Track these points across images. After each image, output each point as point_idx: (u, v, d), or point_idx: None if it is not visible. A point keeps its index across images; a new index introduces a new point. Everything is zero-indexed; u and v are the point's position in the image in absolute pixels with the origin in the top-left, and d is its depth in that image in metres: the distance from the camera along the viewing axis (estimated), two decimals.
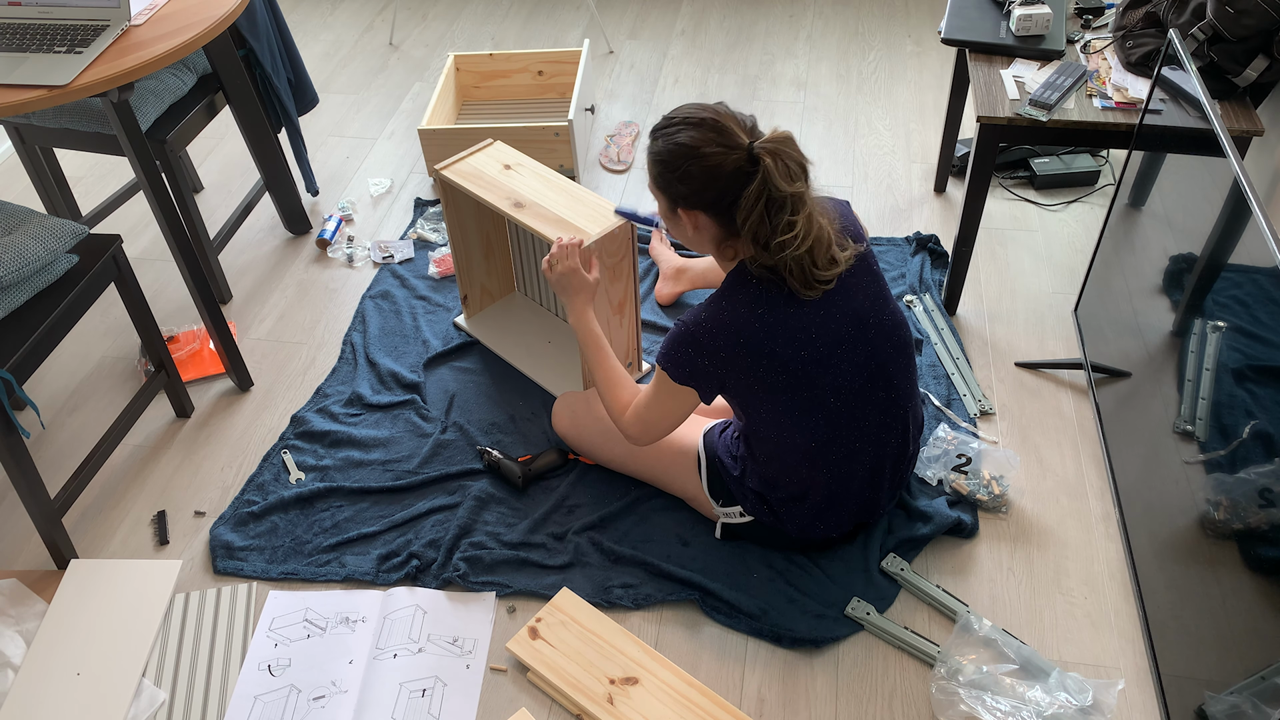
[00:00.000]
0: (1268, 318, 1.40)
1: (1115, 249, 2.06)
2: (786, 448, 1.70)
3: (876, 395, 1.69)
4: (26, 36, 1.90)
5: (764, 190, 1.50)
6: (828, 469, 1.72)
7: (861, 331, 1.65)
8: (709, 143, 1.52)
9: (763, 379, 1.62)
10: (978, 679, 1.69)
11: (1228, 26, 1.86)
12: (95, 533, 2.08)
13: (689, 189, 1.55)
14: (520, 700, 1.75)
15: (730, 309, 1.59)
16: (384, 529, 2.01)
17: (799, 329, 1.59)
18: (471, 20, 3.80)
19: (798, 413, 1.65)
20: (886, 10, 3.68)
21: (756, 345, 1.59)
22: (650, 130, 1.62)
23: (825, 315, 1.61)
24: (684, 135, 1.53)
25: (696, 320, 1.61)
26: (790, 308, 1.59)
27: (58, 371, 2.46)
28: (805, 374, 1.62)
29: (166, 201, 2.11)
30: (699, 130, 1.53)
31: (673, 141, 1.55)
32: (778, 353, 1.59)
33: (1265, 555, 1.36)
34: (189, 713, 1.76)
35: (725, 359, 1.60)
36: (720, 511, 1.89)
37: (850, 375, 1.65)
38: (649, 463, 1.97)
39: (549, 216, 2.06)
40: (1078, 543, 1.94)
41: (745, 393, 1.65)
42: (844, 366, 1.64)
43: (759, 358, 1.59)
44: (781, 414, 1.66)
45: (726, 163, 1.51)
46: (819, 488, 1.74)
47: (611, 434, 2.00)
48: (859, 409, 1.69)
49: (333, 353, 2.46)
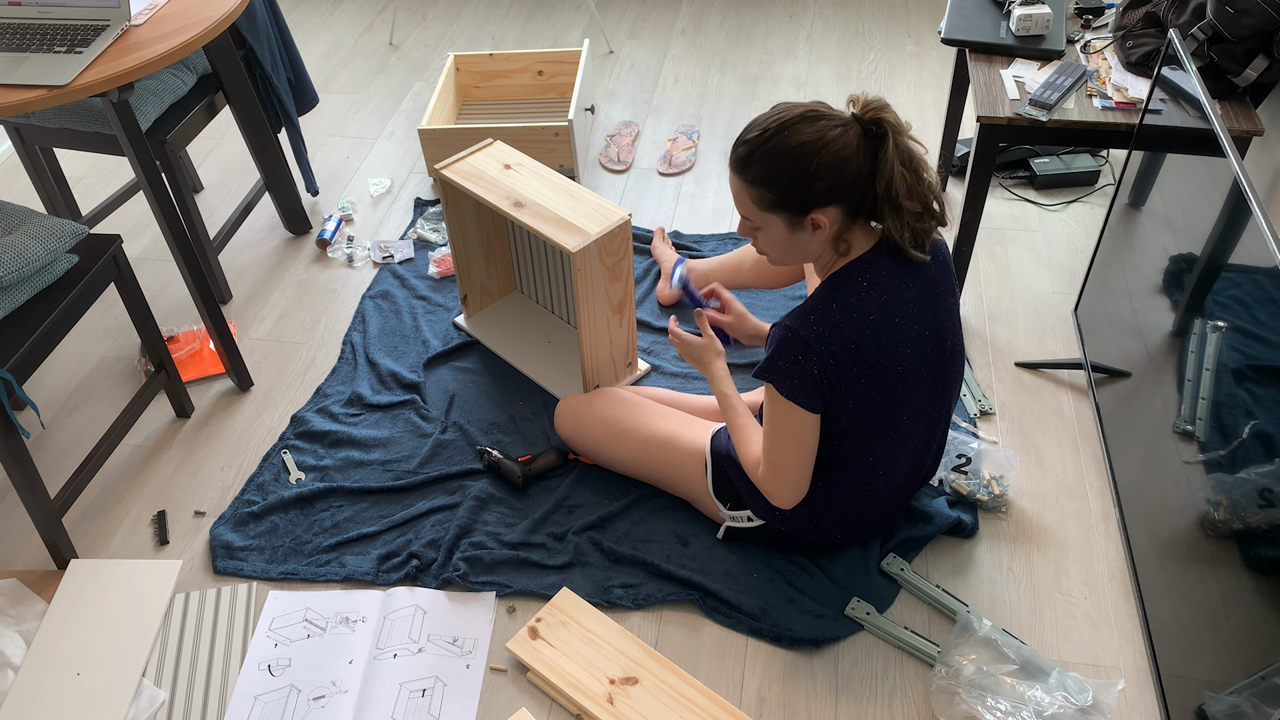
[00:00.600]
0: (1268, 318, 1.40)
1: (1115, 249, 2.06)
2: (837, 458, 1.67)
3: (931, 415, 1.69)
4: (26, 36, 1.90)
5: (898, 148, 1.46)
6: (870, 481, 1.71)
7: (941, 353, 1.62)
8: (821, 131, 1.45)
9: (859, 391, 1.56)
10: (978, 679, 1.69)
11: (1228, 26, 1.86)
12: (95, 533, 2.08)
13: (827, 183, 1.46)
14: (520, 700, 1.75)
15: (840, 308, 1.52)
16: (384, 529, 2.01)
17: (898, 340, 1.55)
18: (471, 20, 3.80)
19: (873, 427, 1.62)
20: (886, 10, 3.68)
21: (863, 353, 1.53)
22: (741, 156, 1.51)
23: (918, 326, 1.57)
24: (793, 135, 1.46)
25: (805, 323, 1.52)
26: (894, 309, 1.54)
27: (58, 371, 2.46)
28: (893, 389, 1.58)
29: (166, 201, 2.11)
30: (804, 123, 1.46)
31: (788, 146, 1.46)
32: (881, 365, 1.55)
33: (1265, 555, 1.36)
34: (189, 713, 1.76)
35: (833, 365, 1.53)
36: (728, 515, 1.88)
37: (921, 399, 1.64)
38: (654, 465, 1.96)
39: (549, 216, 2.05)
40: (1078, 543, 1.94)
41: (838, 405, 1.58)
42: (920, 385, 1.62)
43: (864, 367, 1.54)
44: (851, 426, 1.62)
45: (850, 141, 1.45)
46: (851, 497, 1.73)
47: (614, 435, 2.00)
48: (915, 431, 1.68)
49: (333, 353, 2.46)
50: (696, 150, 3.03)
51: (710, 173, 2.95)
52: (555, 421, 2.11)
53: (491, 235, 2.39)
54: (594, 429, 2.02)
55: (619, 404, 2.02)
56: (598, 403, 2.05)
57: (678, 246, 2.66)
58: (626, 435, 1.98)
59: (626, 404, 2.02)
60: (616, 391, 2.07)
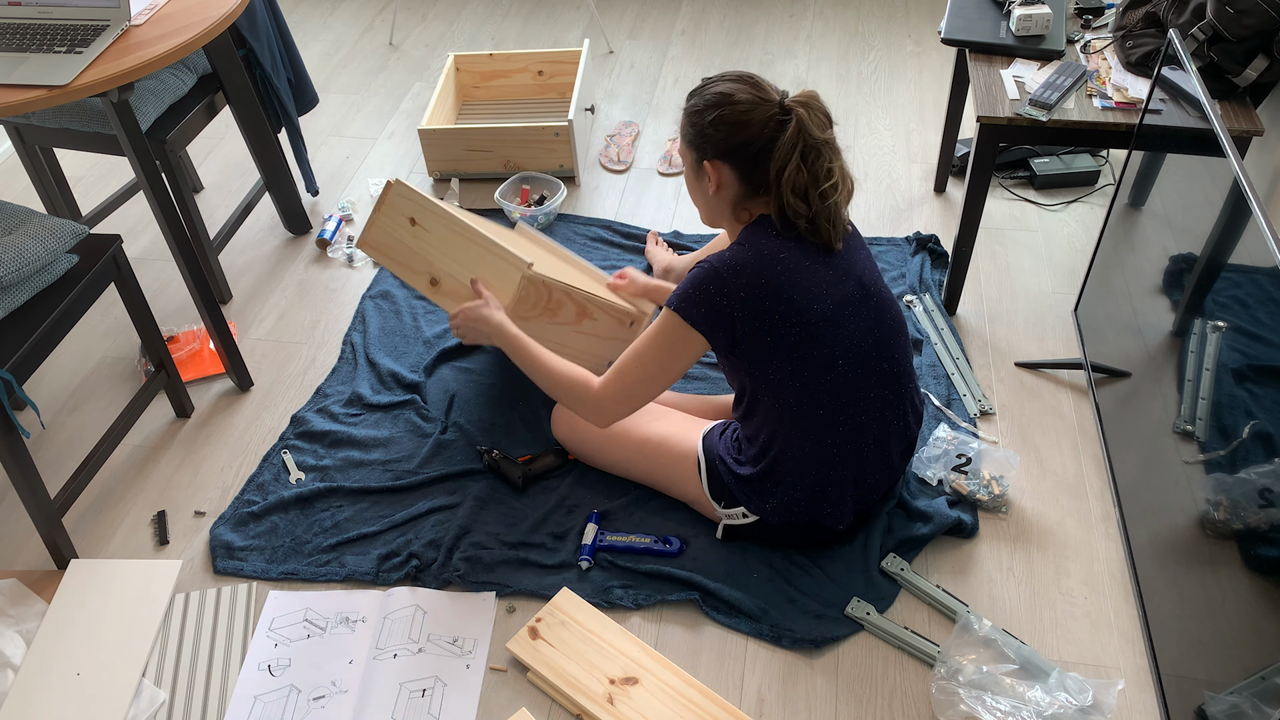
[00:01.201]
0: (1268, 318, 1.40)
1: (1115, 249, 2.06)
2: (793, 415, 1.70)
3: (880, 366, 1.72)
4: (26, 36, 1.90)
5: (798, 139, 1.57)
6: (833, 442, 1.72)
7: (865, 298, 1.70)
8: (743, 92, 1.59)
9: (777, 329, 1.63)
10: (978, 679, 1.69)
11: (1228, 26, 1.86)
12: (95, 533, 2.08)
13: (719, 135, 1.60)
14: (520, 700, 1.75)
15: (753, 250, 1.62)
16: (384, 529, 2.01)
17: (813, 282, 1.63)
18: (471, 20, 3.80)
19: (807, 374, 1.67)
20: (886, 10, 3.68)
21: (776, 288, 1.61)
22: (687, 95, 1.69)
23: (834, 274, 1.66)
24: (720, 86, 1.61)
25: (720, 259, 1.62)
26: (806, 260, 1.63)
27: (58, 371, 2.46)
28: (817, 331, 1.64)
29: (166, 201, 2.11)
30: (734, 82, 1.61)
31: (708, 92, 1.62)
32: (795, 300, 1.62)
33: (1265, 555, 1.36)
34: (189, 713, 1.76)
35: (745, 299, 1.61)
36: (723, 513, 1.89)
37: (857, 339, 1.68)
38: (649, 467, 1.97)
39: (460, 293, 2.02)
40: (1078, 543, 1.94)
41: (757, 348, 1.66)
42: (851, 329, 1.67)
43: (777, 302, 1.61)
44: (790, 376, 1.67)
45: (758, 112, 1.58)
46: (822, 463, 1.74)
47: (609, 438, 2.00)
48: (864, 379, 1.70)
49: (333, 353, 2.46)
50: None
51: None
52: (552, 424, 2.12)
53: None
54: (589, 431, 2.03)
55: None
56: None
57: (676, 247, 2.66)
58: (621, 438, 1.98)
59: None
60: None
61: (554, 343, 2.10)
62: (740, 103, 1.59)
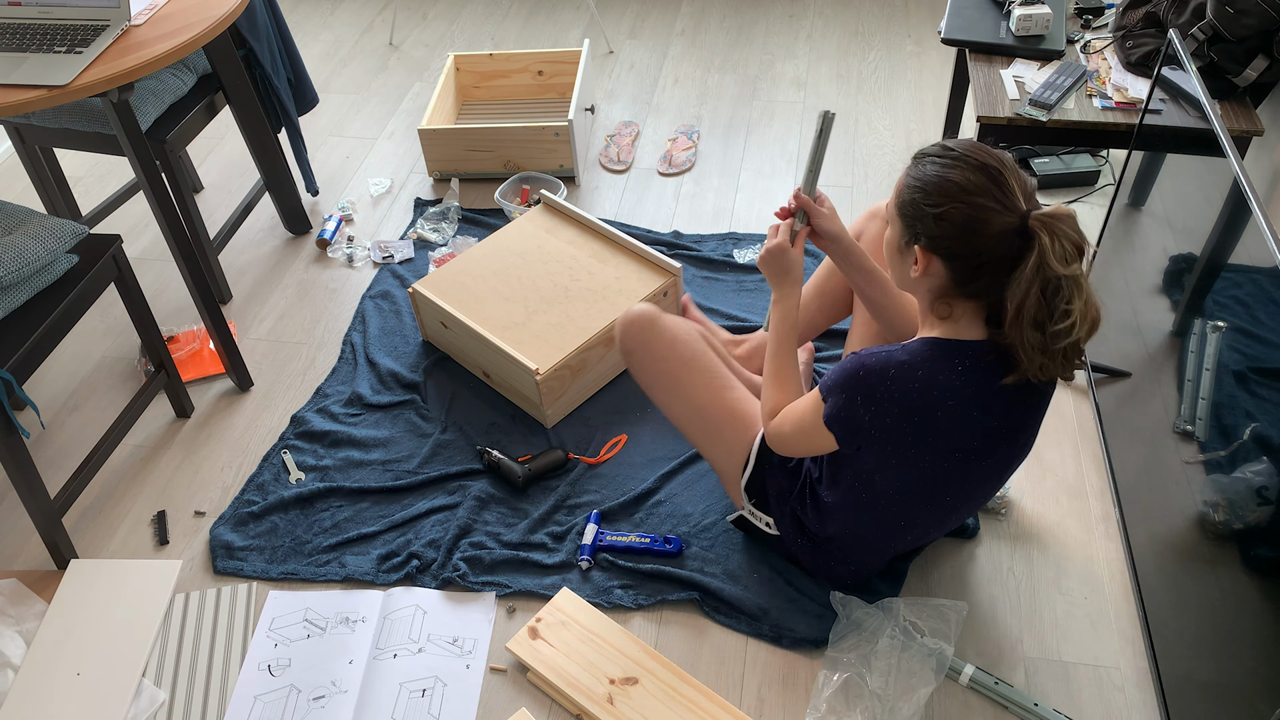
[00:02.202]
0: (1268, 318, 1.40)
1: (1115, 249, 2.06)
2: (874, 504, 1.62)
3: (969, 491, 1.61)
4: (26, 36, 1.90)
5: (1039, 271, 1.35)
6: (896, 538, 1.68)
7: (1010, 444, 1.53)
8: (983, 193, 1.36)
9: (906, 458, 1.51)
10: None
11: (1228, 26, 1.86)
12: (95, 533, 2.08)
13: (941, 232, 1.39)
14: (520, 700, 1.75)
15: (925, 380, 1.44)
16: (384, 529, 2.01)
17: (972, 434, 1.48)
18: (471, 20, 3.80)
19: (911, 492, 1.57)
20: (886, 10, 3.68)
21: (928, 425, 1.45)
22: (918, 151, 1.47)
23: (995, 429, 1.49)
24: (959, 173, 1.38)
25: (881, 360, 1.45)
26: (977, 413, 1.46)
27: (58, 371, 2.46)
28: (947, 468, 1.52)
29: (166, 201, 2.11)
30: (977, 174, 1.37)
31: (943, 175, 1.39)
32: (940, 445, 1.48)
33: (1265, 555, 1.36)
34: (189, 713, 1.76)
35: (889, 426, 1.47)
36: (748, 509, 1.85)
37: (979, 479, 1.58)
38: (703, 431, 1.83)
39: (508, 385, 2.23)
40: (1078, 543, 1.94)
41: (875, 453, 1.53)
42: (978, 470, 1.55)
43: (921, 438, 1.47)
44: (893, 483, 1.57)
45: (995, 222, 1.36)
46: (875, 549, 1.72)
47: (678, 382, 1.83)
48: (959, 509, 1.64)
49: (333, 353, 2.46)
50: (696, 150, 3.03)
51: (710, 172, 2.95)
52: (623, 328, 1.87)
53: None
54: (665, 363, 1.84)
55: (702, 352, 1.85)
56: (682, 339, 1.85)
57: (676, 247, 2.66)
58: (693, 390, 1.82)
59: (707, 356, 1.85)
60: (702, 335, 1.89)
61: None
62: (977, 205, 1.36)
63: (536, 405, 2.17)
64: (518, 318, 2.23)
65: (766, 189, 2.87)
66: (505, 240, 2.43)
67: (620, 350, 1.90)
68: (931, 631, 1.74)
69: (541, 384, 2.10)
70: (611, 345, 2.22)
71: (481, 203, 2.88)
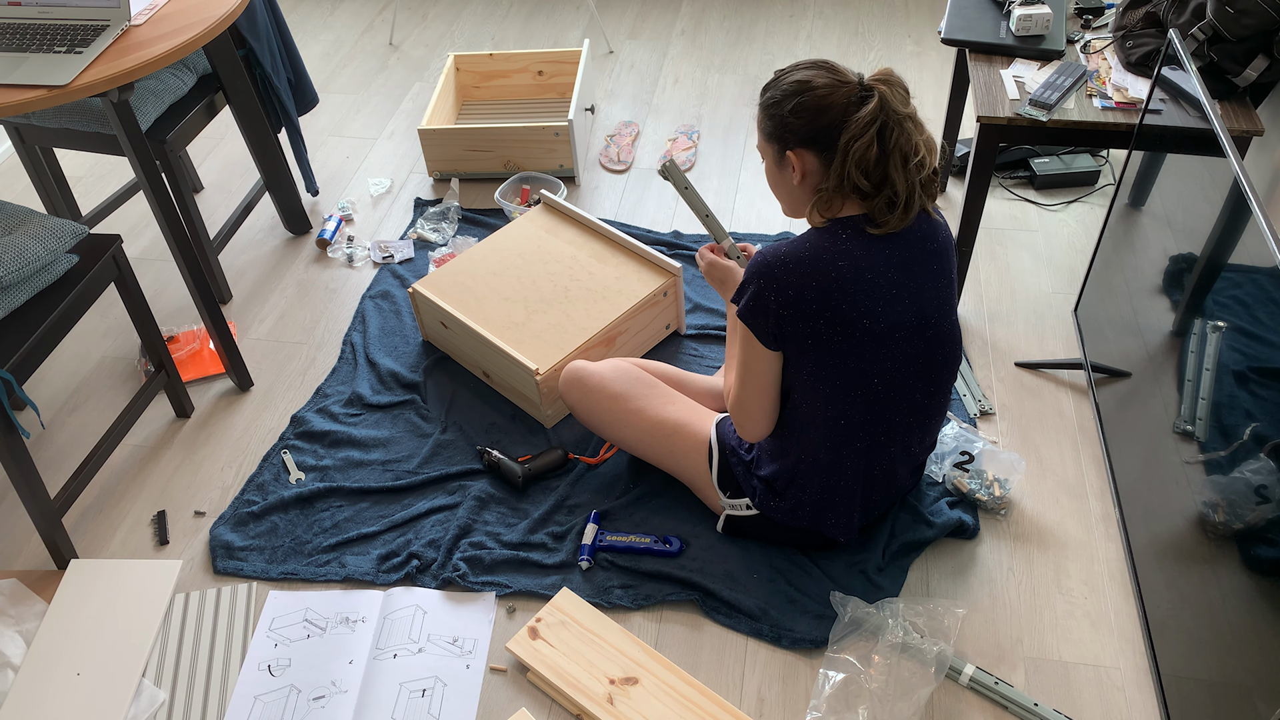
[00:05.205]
0: (1268, 318, 1.40)
1: (1115, 249, 2.06)
2: (815, 420, 1.68)
3: (914, 396, 1.69)
4: (26, 36, 1.90)
5: (879, 114, 1.52)
6: (849, 455, 1.71)
7: (921, 328, 1.64)
8: (820, 77, 1.56)
9: (819, 333, 1.59)
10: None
11: (1228, 26, 1.86)
12: (95, 533, 2.08)
13: (800, 122, 1.56)
14: (520, 700, 1.75)
15: (812, 249, 1.57)
16: (384, 529, 2.01)
17: (870, 297, 1.58)
18: (471, 20, 3.80)
19: (839, 382, 1.64)
20: (886, 10, 3.68)
21: (825, 293, 1.56)
22: (763, 86, 1.65)
23: (897, 295, 1.60)
24: (796, 75, 1.58)
25: (774, 251, 1.59)
26: (871, 273, 1.58)
27: (58, 371, 2.46)
28: (860, 344, 1.60)
29: (166, 201, 2.11)
30: (810, 69, 1.57)
31: (784, 82, 1.58)
32: (842, 310, 1.57)
33: (1265, 555, 1.36)
34: (189, 713, 1.76)
35: (791, 298, 1.57)
36: (726, 503, 1.89)
37: (899, 364, 1.64)
38: (660, 450, 1.94)
39: (507, 385, 2.24)
40: (1078, 543, 1.94)
41: (796, 345, 1.62)
42: (896, 353, 1.63)
43: (824, 307, 1.57)
44: (823, 381, 1.64)
45: (838, 94, 1.54)
46: (834, 473, 1.73)
47: (623, 414, 1.96)
48: (895, 402, 1.68)
49: (333, 353, 2.46)
50: (696, 150, 3.03)
51: (710, 172, 2.95)
52: (562, 387, 2.03)
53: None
54: (602, 403, 1.98)
55: (632, 382, 1.98)
56: (610, 378, 1.99)
57: (675, 247, 2.66)
58: (635, 416, 1.95)
59: (639, 383, 1.98)
60: (628, 368, 2.01)
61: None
62: (819, 87, 1.55)
63: (536, 405, 2.17)
64: (518, 318, 2.23)
65: (766, 189, 2.87)
66: (505, 240, 2.44)
67: (566, 404, 2.06)
68: (931, 631, 1.75)
69: (541, 384, 2.10)
70: (611, 345, 2.23)
71: (481, 203, 2.88)
